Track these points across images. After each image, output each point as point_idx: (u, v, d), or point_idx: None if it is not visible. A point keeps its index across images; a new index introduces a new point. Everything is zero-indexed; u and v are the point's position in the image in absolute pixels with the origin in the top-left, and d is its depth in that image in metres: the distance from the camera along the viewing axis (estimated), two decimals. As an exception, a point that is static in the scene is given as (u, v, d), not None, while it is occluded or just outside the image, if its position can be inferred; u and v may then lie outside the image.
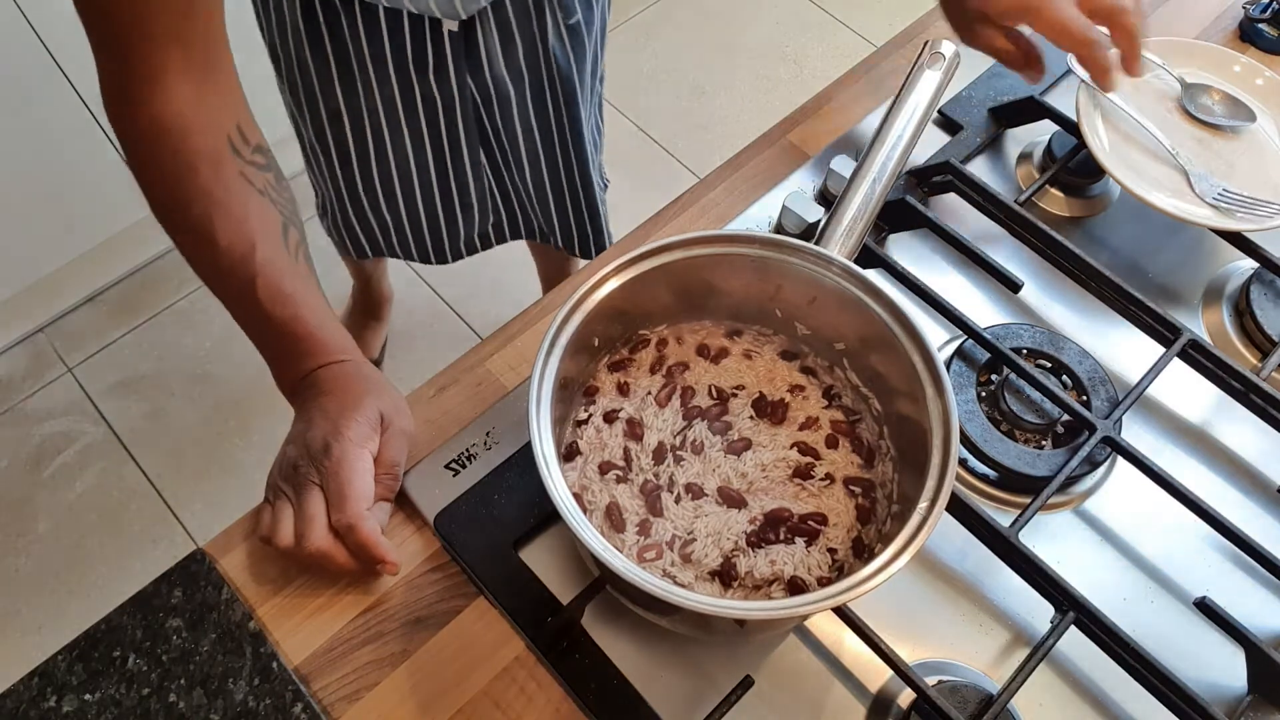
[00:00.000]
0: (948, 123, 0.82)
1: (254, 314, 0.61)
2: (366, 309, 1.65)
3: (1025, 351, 0.69)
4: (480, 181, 1.04)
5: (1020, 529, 0.59)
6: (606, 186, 1.23)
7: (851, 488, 0.57)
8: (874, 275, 0.56)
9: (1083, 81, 0.76)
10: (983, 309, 0.73)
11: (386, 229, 1.09)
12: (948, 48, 0.64)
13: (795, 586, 0.53)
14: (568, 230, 1.14)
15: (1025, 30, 0.71)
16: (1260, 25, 0.89)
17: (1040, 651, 0.55)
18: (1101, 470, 0.66)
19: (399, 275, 1.77)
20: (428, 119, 0.94)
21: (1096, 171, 0.77)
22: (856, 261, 0.58)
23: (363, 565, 0.57)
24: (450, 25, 0.85)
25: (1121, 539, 0.64)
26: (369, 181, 1.02)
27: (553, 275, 1.57)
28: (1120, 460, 0.66)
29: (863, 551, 0.55)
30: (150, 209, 0.62)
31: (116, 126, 0.61)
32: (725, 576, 0.54)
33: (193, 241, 0.62)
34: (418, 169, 1.00)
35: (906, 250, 0.76)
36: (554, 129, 1.01)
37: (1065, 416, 0.65)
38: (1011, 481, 0.65)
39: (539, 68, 0.93)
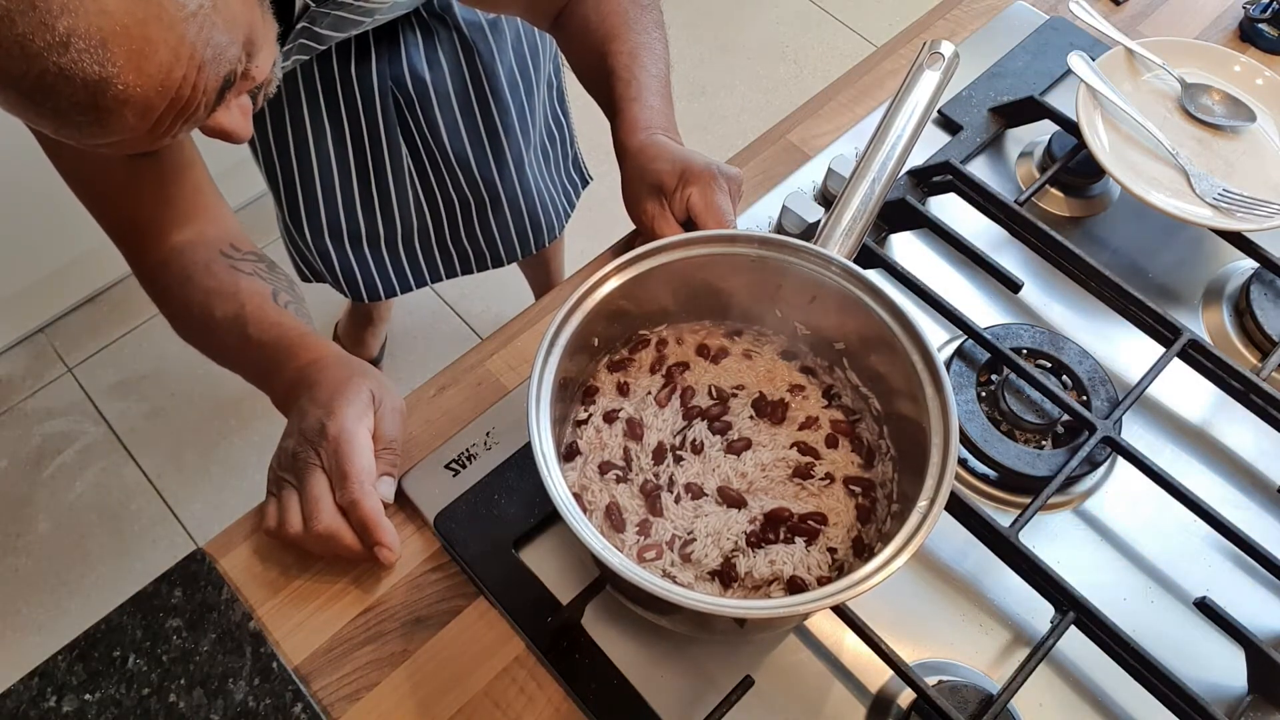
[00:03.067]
0: (948, 123, 0.82)
1: (245, 348, 0.65)
2: (366, 309, 1.65)
3: (1025, 351, 0.69)
4: (402, 184, 1.01)
5: (1020, 529, 0.59)
6: (588, 183, 1.21)
7: (851, 487, 0.57)
8: (874, 275, 0.56)
9: (1082, 82, 0.76)
10: (983, 309, 0.73)
11: (324, 246, 1.06)
12: (947, 48, 0.64)
13: (795, 586, 0.53)
14: (508, 238, 1.10)
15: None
16: (1260, 25, 0.89)
17: (1040, 651, 0.55)
18: (1101, 470, 0.66)
19: (399, 275, 1.77)
20: (349, 115, 0.93)
21: (1096, 171, 0.77)
22: (856, 261, 0.58)
23: (366, 548, 0.58)
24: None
25: (1121, 539, 0.64)
26: (308, 186, 0.99)
27: (541, 283, 1.56)
28: (1120, 460, 0.66)
29: (863, 551, 0.55)
30: (180, 336, 0.72)
31: (140, 280, 0.71)
32: (725, 576, 0.54)
33: (202, 333, 0.69)
34: (338, 165, 0.98)
35: (906, 250, 0.76)
36: (482, 127, 0.98)
37: (1065, 416, 0.65)
38: (1011, 481, 0.65)
39: (459, 64, 0.92)
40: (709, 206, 0.64)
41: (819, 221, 0.69)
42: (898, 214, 0.74)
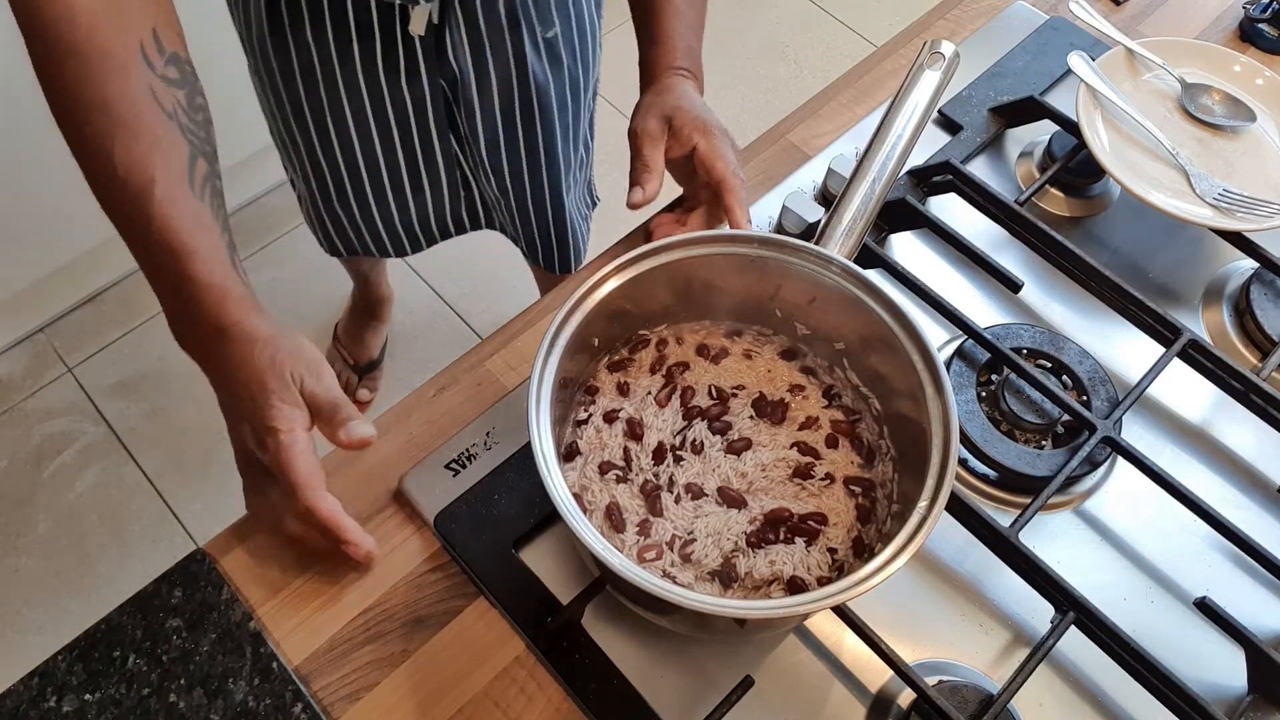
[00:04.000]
0: (948, 123, 0.82)
1: (148, 260, 0.57)
2: (366, 309, 1.65)
3: (1025, 351, 0.69)
4: (451, 170, 1.02)
5: (1020, 529, 0.59)
6: (595, 205, 1.21)
7: (851, 487, 0.57)
8: (874, 275, 0.56)
9: (1082, 82, 0.76)
10: (983, 309, 0.73)
11: (357, 224, 1.07)
12: (947, 48, 0.64)
13: (795, 586, 0.53)
14: (532, 243, 1.12)
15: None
16: (1260, 25, 0.89)
17: (1040, 651, 0.55)
18: (1101, 470, 0.66)
19: (399, 275, 1.77)
20: (397, 119, 0.93)
21: (1096, 171, 0.77)
22: (856, 261, 0.58)
23: (335, 546, 0.57)
24: (417, 29, 0.82)
25: (1121, 539, 0.64)
26: (337, 178, 1.00)
27: (548, 283, 1.56)
28: (1120, 460, 0.66)
29: (863, 551, 0.55)
30: (49, 108, 0.58)
31: (18, 13, 0.56)
32: (725, 576, 0.54)
33: (88, 155, 0.57)
34: (387, 166, 0.98)
35: (906, 250, 0.76)
36: (523, 146, 0.98)
37: (1065, 416, 0.65)
38: (1011, 481, 0.65)
39: (511, 80, 0.91)
40: (714, 152, 0.67)
41: (819, 221, 0.69)
42: (898, 214, 0.74)
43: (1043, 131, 0.82)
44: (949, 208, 0.77)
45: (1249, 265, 0.75)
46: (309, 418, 0.56)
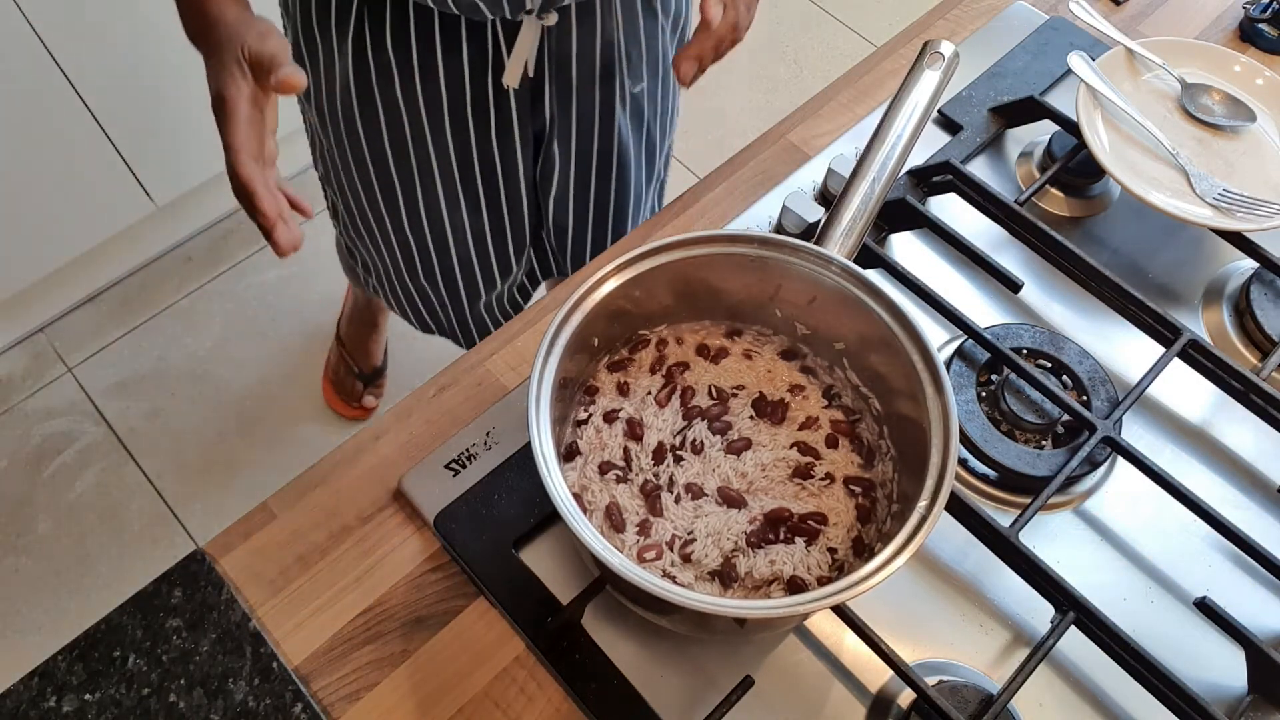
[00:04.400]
0: (948, 123, 0.82)
1: None
2: (366, 317, 1.64)
3: (1025, 351, 0.69)
4: (522, 247, 0.99)
5: (1020, 529, 0.59)
6: None
7: (851, 487, 0.57)
8: (874, 275, 0.56)
9: (1082, 82, 0.76)
10: (983, 309, 0.73)
11: (443, 300, 1.03)
12: (947, 48, 0.64)
13: (795, 586, 0.53)
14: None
15: None
16: (1260, 25, 0.89)
17: (1040, 651, 0.55)
18: (1101, 470, 0.66)
19: (399, 275, 1.77)
20: (484, 176, 0.89)
21: (1096, 171, 0.77)
22: (856, 261, 0.58)
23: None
24: (512, 82, 0.81)
25: (1121, 539, 0.64)
26: (402, 238, 0.97)
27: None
28: (1120, 460, 0.66)
29: (863, 551, 0.55)
30: None
31: None
32: (725, 576, 0.54)
33: None
34: (473, 235, 0.94)
35: (906, 250, 0.76)
36: (593, 203, 0.95)
37: (1065, 416, 0.65)
38: (1011, 481, 0.65)
39: (593, 134, 0.89)
40: None
41: (819, 221, 0.69)
42: (898, 214, 0.74)
43: (1043, 131, 0.82)
44: (949, 208, 0.77)
45: (1249, 265, 0.75)
46: (253, 88, 0.60)
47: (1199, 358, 0.66)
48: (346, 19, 0.80)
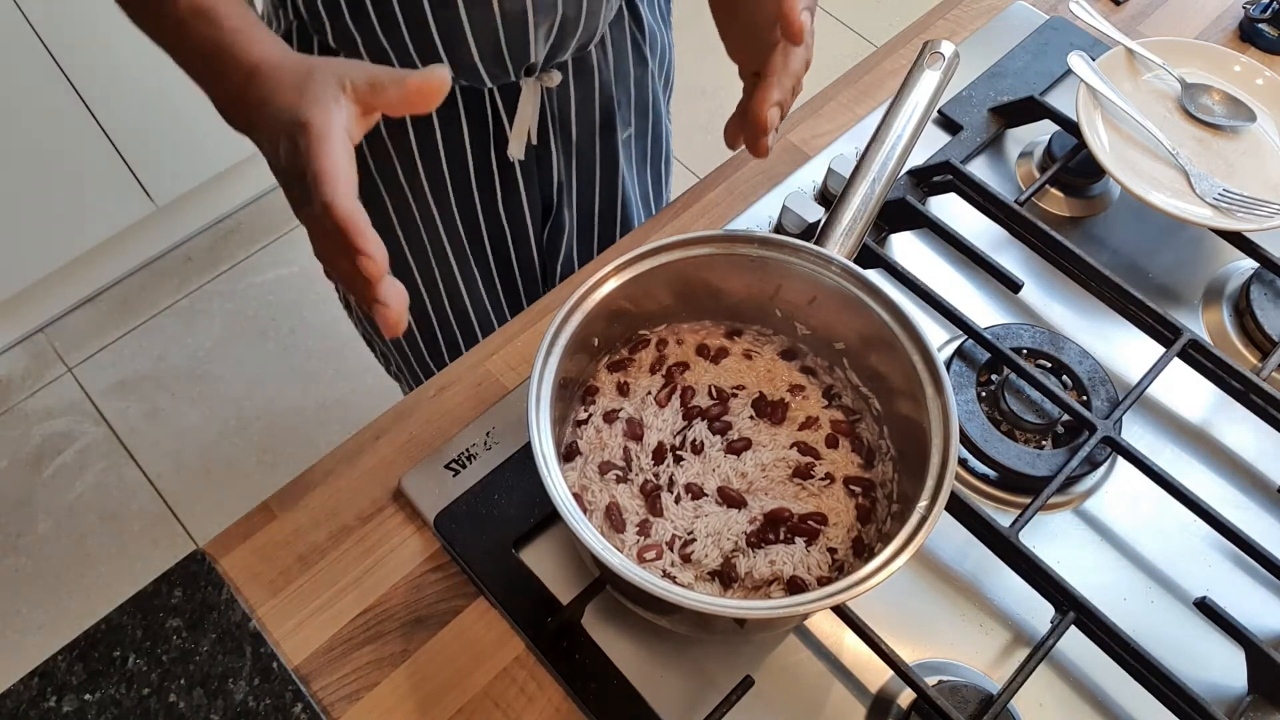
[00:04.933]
0: (948, 123, 0.82)
1: (178, 40, 0.54)
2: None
3: (1025, 351, 0.69)
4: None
5: (1020, 529, 0.59)
6: None
7: (851, 487, 0.57)
8: (874, 275, 0.56)
9: (1082, 82, 0.76)
10: (983, 309, 0.73)
11: (432, 371, 0.98)
12: (947, 48, 0.64)
13: (795, 586, 0.53)
14: None
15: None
16: (1260, 25, 0.89)
17: (1040, 651, 0.55)
18: (1101, 470, 0.66)
19: (399, 275, 1.77)
20: (493, 246, 0.86)
21: (1096, 171, 0.77)
22: (856, 261, 0.58)
23: (351, 262, 0.46)
24: (517, 154, 0.77)
25: (1121, 539, 0.64)
26: (422, 316, 0.92)
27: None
28: (1120, 460, 0.66)
29: (863, 551, 0.55)
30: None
31: None
32: (725, 576, 0.54)
33: None
34: (491, 305, 0.91)
35: (906, 250, 0.76)
36: (598, 250, 0.93)
37: (1065, 416, 0.65)
38: (1011, 481, 0.65)
39: (594, 185, 0.86)
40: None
41: (819, 221, 0.69)
42: (898, 214, 0.74)
43: (1043, 131, 0.82)
44: (949, 208, 0.77)
45: (1249, 265, 0.75)
46: (354, 117, 0.49)
47: (1199, 358, 0.66)
48: None
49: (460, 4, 0.67)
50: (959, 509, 0.60)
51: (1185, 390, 0.69)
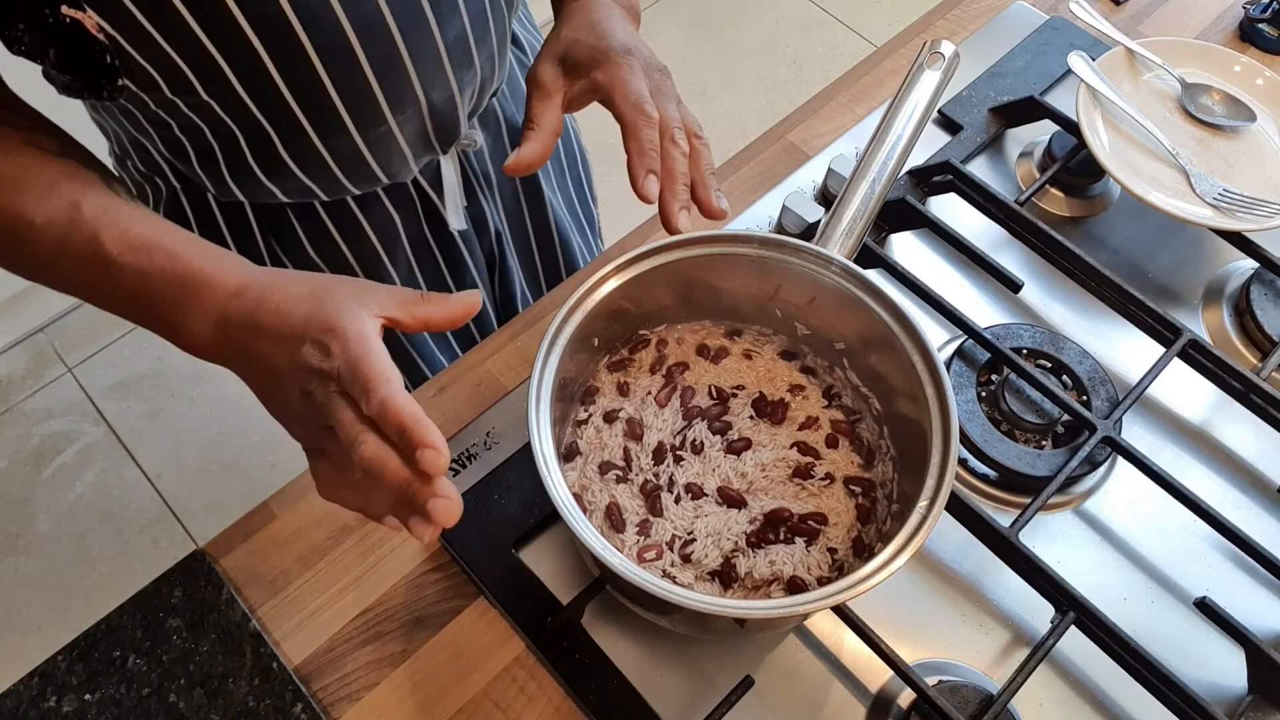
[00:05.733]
0: (948, 123, 0.82)
1: (111, 278, 0.49)
2: None
3: (1025, 351, 0.69)
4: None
5: (1020, 529, 0.59)
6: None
7: (851, 487, 0.57)
8: (874, 275, 0.56)
9: (1082, 82, 0.76)
10: (983, 309, 0.74)
11: None
12: (948, 48, 0.64)
13: (795, 586, 0.53)
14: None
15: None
16: (1260, 25, 0.89)
17: (1040, 651, 0.55)
18: (1101, 470, 0.66)
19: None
20: (447, 266, 0.83)
21: (1096, 171, 0.77)
22: (856, 261, 0.58)
23: (409, 462, 0.43)
24: (458, 224, 0.75)
25: (1121, 539, 0.64)
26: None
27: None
28: (1120, 460, 0.66)
29: (863, 551, 0.55)
30: None
31: None
32: (725, 576, 0.54)
33: (5, 236, 0.50)
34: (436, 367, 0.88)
35: (906, 250, 0.76)
36: (544, 278, 0.92)
37: (1065, 416, 0.65)
38: (1011, 481, 0.65)
39: (524, 215, 0.84)
40: (614, 83, 0.55)
41: (819, 221, 0.69)
42: (898, 214, 0.74)
43: (1043, 131, 0.82)
44: (949, 208, 0.77)
45: (1249, 265, 0.75)
46: (381, 323, 0.46)
47: (1199, 358, 0.66)
48: (248, 233, 0.72)
49: (389, 118, 0.62)
50: (959, 509, 0.60)
51: (1185, 390, 0.69)
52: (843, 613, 0.56)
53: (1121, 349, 0.72)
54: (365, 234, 0.74)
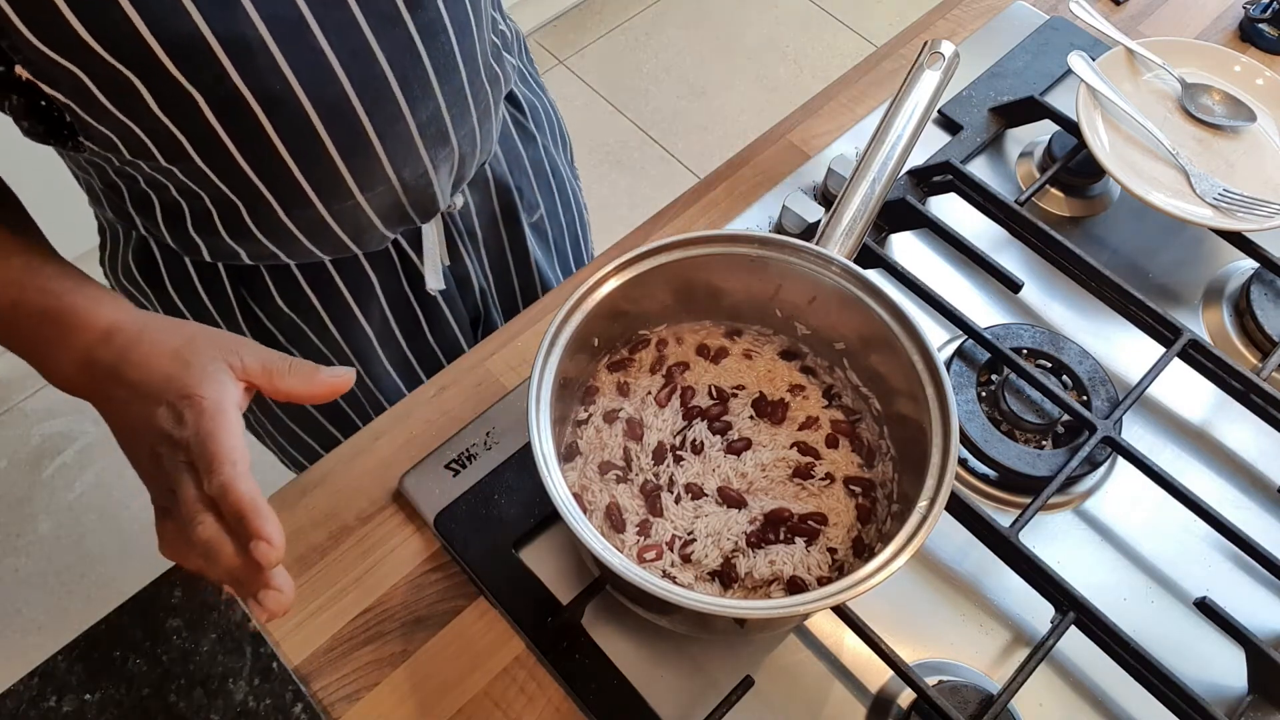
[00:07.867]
0: (948, 123, 0.82)
1: (10, 317, 0.50)
2: None
3: (1025, 351, 0.69)
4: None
5: (1020, 529, 0.59)
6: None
7: (851, 487, 0.57)
8: (874, 275, 0.56)
9: (1083, 82, 0.76)
10: (983, 309, 0.74)
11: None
12: (947, 47, 0.64)
13: (795, 586, 0.53)
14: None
15: None
16: (1260, 25, 0.89)
17: (1040, 651, 0.55)
18: (1101, 470, 0.66)
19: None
20: (429, 373, 0.82)
21: (1096, 171, 0.77)
22: (856, 261, 0.58)
23: (246, 554, 0.42)
24: (436, 285, 0.74)
25: (1121, 539, 0.64)
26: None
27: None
28: (1120, 460, 0.66)
29: (863, 551, 0.55)
30: None
31: None
32: (725, 576, 0.54)
33: None
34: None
35: (906, 250, 0.76)
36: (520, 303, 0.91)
37: (1065, 416, 0.65)
38: (1011, 481, 0.65)
39: (510, 271, 0.83)
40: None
41: (819, 221, 0.69)
42: (898, 214, 0.74)
43: (1043, 131, 0.82)
44: (949, 208, 0.77)
45: (1249, 265, 0.75)
46: (243, 392, 0.47)
47: (1199, 358, 0.66)
48: (218, 281, 0.71)
49: (357, 195, 0.62)
50: (959, 509, 0.60)
51: (1185, 390, 0.69)
52: (843, 613, 0.56)
53: (1121, 349, 0.72)
54: (338, 290, 0.73)
